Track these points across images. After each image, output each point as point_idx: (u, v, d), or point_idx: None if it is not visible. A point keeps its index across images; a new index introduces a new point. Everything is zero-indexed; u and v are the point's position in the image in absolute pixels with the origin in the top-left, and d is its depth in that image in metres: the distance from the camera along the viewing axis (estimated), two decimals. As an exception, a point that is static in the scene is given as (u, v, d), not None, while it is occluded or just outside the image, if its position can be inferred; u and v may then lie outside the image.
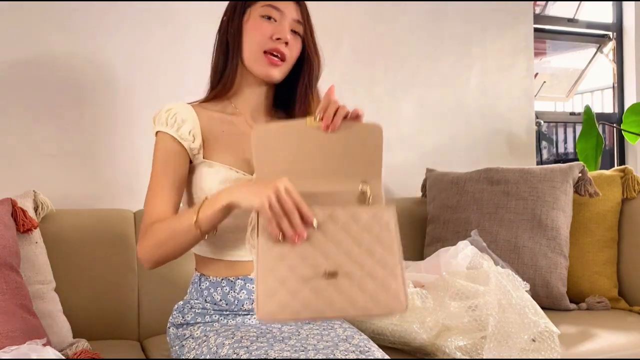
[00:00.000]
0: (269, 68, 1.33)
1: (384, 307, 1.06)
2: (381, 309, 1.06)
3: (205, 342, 1.24)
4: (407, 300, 1.07)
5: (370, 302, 1.05)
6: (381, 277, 1.07)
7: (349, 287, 1.05)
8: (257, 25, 1.33)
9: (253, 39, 1.33)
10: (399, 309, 1.06)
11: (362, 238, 1.09)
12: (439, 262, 1.64)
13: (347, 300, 1.05)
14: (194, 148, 1.32)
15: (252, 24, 1.34)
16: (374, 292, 1.06)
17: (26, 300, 1.34)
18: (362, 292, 1.06)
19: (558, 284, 1.87)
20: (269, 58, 1.33)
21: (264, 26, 1.33)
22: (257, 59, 1.33)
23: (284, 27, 1.32)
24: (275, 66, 1.33)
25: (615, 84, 3.06)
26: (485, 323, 1.40)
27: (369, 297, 1.05)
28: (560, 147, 3.38)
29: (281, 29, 1.32)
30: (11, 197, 1.55)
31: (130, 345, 1.66)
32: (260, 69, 1.34)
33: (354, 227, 1.09)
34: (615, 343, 1.63)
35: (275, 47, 1.32)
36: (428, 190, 2.19)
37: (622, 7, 3.01)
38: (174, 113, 1.33)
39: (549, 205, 1.92)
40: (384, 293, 1.06)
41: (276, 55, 1.33)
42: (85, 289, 1.69)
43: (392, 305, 1.06)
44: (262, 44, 1.32)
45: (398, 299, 1.06)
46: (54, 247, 1.62)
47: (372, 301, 1.05)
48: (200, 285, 1.34)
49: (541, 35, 2.90)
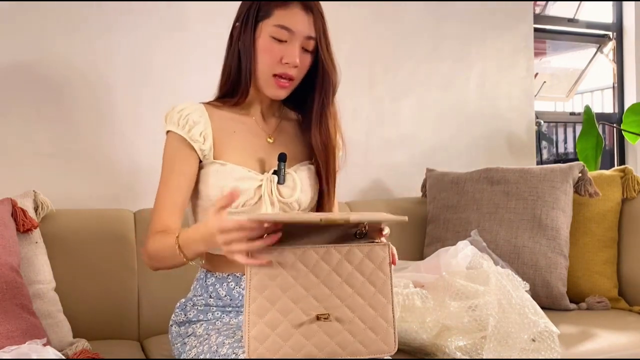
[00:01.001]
0: (277, 90, 1.35)
1: (374, 350, 1.08)
2: (370, 352, 1.08)
3: (207, 341, 1.24)
4: (396, 343, 1.09)
5: (360, 345, 1.07)
6: (372, 319, 1.08)
7: (340, 331, 1.06)
8: (268, 47, 1.32)
9: (263, 61, 1.33)
10: (387, 351, 1.09)
11: (355, 279, 1.08)
12: (438, 262, 1.64)
13: (337, 344, 1.06)
14: (204, 149, 1.34)
15: (263, 45, 1.32)
16: (364, 335, 1.08)
17: (26, 300, 1.34)
18: (353, 335, 1.07)
19: (558, 284, 1.87)
20: (277, 81, 1.33)
21: (274, 49, 1.31)
22: (266, 81, 1.34)
23: (293, 51, 1.31)
24: (283, 88, 1.34)
25: (615, 84, 3.06)
26: (485, 323, 1.40)
27: (358, 340, 1.08)
28: (560, 147, 3.38)
29: (290, 53, 1.31)
30: (11, 197, 1.55)
31: (130, 345, 1.66)
32: (268, 91, 1.35)
33: (347, 268, 1.08)
34: (615, 343, 1.63)
35: (284, 71, 1.32)
36: (428, 190, 2.19)
37: (622, 7, 3.01)
38: (186, 114, 1.34)
39: (549, 205, 1.92)
40: (373, 335, 1.08)
41: (285, 78, 1.33)
42: (85, 289, 1.69)
43: (381, 348, 1.08)
44: (272, 68, 1.32)
45: (387, 342, 1.09)
46: (54, 247, 1.62)
47: (362, 344, 1.07)
48: (206, 281, 1.35)
49: (541, 35, 2.90)
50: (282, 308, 1.05)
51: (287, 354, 1.04)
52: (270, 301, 1.05)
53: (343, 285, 1.07)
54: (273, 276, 1.06)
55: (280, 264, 1.06)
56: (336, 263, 1.08)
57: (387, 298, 1.09)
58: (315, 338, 1.05)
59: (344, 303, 1.07)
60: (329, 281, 1.07)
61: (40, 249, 1.56)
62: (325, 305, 1.06)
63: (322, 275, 1.07)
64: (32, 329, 1.29)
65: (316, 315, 1.05)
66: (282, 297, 1.05)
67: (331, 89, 1.37)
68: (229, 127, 1.37)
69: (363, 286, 1.08)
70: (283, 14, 1.30)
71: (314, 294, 1.06)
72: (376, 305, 1.08)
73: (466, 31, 2.54)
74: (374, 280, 1.09)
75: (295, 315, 1.05)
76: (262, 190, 1.31)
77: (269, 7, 1.31)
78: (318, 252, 1.07)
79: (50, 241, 1.61)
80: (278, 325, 1.05)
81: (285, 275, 1.06)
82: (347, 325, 1.06)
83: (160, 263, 1.30)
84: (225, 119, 1.38)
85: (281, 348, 1.04)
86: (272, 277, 1.06)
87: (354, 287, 1.08)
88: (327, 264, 1.08)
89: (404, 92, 2.43)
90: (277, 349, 1.04)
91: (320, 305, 1.06)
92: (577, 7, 3.01)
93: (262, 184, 1.32)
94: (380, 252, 1.10)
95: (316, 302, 1.06)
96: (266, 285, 1.06)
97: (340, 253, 1.08)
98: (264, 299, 1.05)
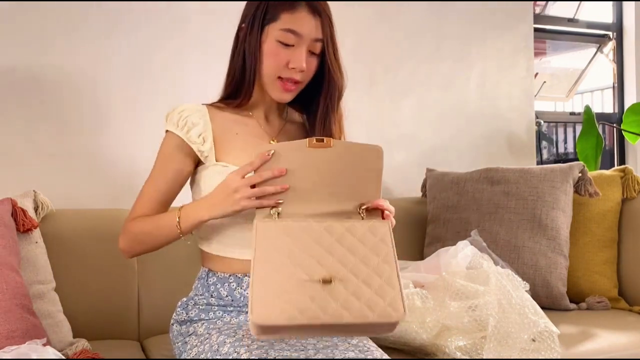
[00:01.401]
0: (282, 93, 1.34)
1: (381, 314, 1.05)
2: (377, 316, 1.05)
3: (208, 340, 1.24)
4: (405, 309, 1.06)
5: (366, 308, 1.05)
6: (377, 285, 1.07)
7: (344, 293, 1.05)
8: (274, 52, 1.30)
9: (269, 65, 1.32)
10: (396, 317, 1.06)
11: (358, 248, 1.10)
12: (438, 262, 1.64)
13: (342, 306, 1.04)
14: (203, 150, 1.34)
15: (269, 48, 1.31)
16: (370, 299, 1.05)
17: (26, 300, 1.34)
18: (358, 298, 1.05)
19: (558, 284, 1.87)
20: (283, 84, 1.33)
21: (281, 54, 1.30)
22: (271, 84, 1.34)
23: (300, 55, 1.29)
24: (288, 91, 1.34)
25: (615, 84, 3.06)
26: (485, 323, 1.40)
27: (364, 303, 1.05)
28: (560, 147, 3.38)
29: (297, 58, 1.29)
30: (11, 197, 1.55)
31: (130, 345, 1.66)
32: (274, 93, 1.35)
33: (350, 239, 1.11)
34: (615, 343, 1.63)
35: (291, 76, 1.31)
36: (428, 190, 2.19)
37: (622, 7, 3.01)
38: (185, 115, 1.35)
39: (549, 205, 1.92)
40: (380, 300, 1.06)
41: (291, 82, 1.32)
42: (85, 289, 1.69)
43: (389, 313, 1.05)
44: (278, 72, 1.31)
45: (395, 307, 1.06)
46: (54, 247, 1.62)
47: (368, 308, 1.05)
48: (208, 281, 1.35)
49: (541, 35, 2.90)
50: (286, 273, 1.06)
51: (292, 316, 1.03)
52: (274, 268, 1.07)
53: (347, 254, 1.09)
54: (277, 245, 1.09)
55: (285, 234, 1.10)
56: (339, 235, 1.11)
57: (391, 266, 1.09)
58: (319, 299, 1.04)
59: (348, 269, 1.07)
60: (333, 250, 1.09)
61: (40, 249, 1.56)
62: (329, 270, 1.07)
63: (326, 245, 1.09)
64: (32, 329, 1.29)
65: (320, 279, 1.05)
66: (286, 264, 1.07)
67: (337, 94, 1.37)
68: (232, 129, 1.37)
69: (367, 255, 1.10)
70: (290, 18, 1.29)
71: (318, 260, 1.08)
72: (381, 272, 1.08)
73: (466, 31, 2.54)
74: (377, 251, 1.10)
75: (299, 278, 1.06)
76: None
77: (276, 10, 1.30)
78: (321, 224, 1.11)
79: (50, 241, 1.61)
80: (282, 289, 1.05)
81: (289, 243, 1.09)
82: (352, 288, 1.06)
83: (144, 244, 1.34)
84: (228, 120, 1.38)
85: (285, 309, 1.04)
86: (276, 246, 1.09)
87: (358, 256, 1.09)
88: (331, 235, 1.10)
89: (404, 92, 2.43)
90: (281, 310, 1.04)
91: (323, 269, 1.07)
92: (577, 7, 3.01)
93: None
94: (381, 227, 1.14)
95: (320, 267, 1.07)
96: (270, 254, 1.08)
97: (343, 227, 1.12)
98: (269, 266, 1.07)
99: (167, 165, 1.36)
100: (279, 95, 1.35)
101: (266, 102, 1.41)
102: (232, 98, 1.39)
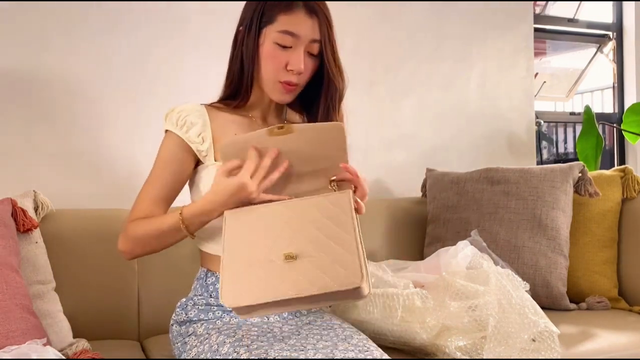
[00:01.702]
0: (282, 95, 1.35)
1: (342, 282, 1.08)
2: (339, 285, 1.08)
3: (207, 340, 1.24)
4: (366, 275, 1.09)
5: (328, 279, 1.08)
6: (339, 254, 1.11)
7: (309, 268, 1.10)
8: (272, 54, 1.30)
9: (267, 68, 1.32)
10: (356, 283, 1.07)
11: (321, 222, 1.15)
12: (439, 262, 1.64)
13: (307, 280, 1.08)
14: (202, 150, 1.34)
15: (267, 51, 1.31)
16: (332, 269, 1.09)
17: (26, 300, 1.34)
18: (321, 270, 1.09)
19: (558, 284, 1.87)
20: (283, 86, 1.33)
21: (279, 56, 1.30)
22: (271, 87, 1.34)
23: (298, 57, 1.29)
24: (288, 92, 1.34)
25: (615, 84, 3.06)
26: (485, 323, 1.40)
27: (327, 274, 1.09)
28: (560, 147, 3.38)
29: (295, 59, 1.29)
30: (11, 197, 1.55)
31: (130, 345, 1.66)
32: (274, 95, 1.35)
33: (314, 213, 1.16)
34: (615, 343, 1.62)
35: (289, 79, 1.31)
36: (428, 190, 2.19)
37: (622, 7, 3.01)
38: (184, 115, 1.35)
39: (549, 205, 1.92)
40: (342, 269, 1.09)
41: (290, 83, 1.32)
42: (85, 289, 1.69)
43: (350, 280, 1.08)
44: (277, 75, 1.32)
45: (355, 273, 1.08)
46: (54, 247, 1.62)
47: (331, 278, 1.08)
48: (206, 281, 1.36)
49: (541, 35, 2.90)
50: (253, 251, 1.13)
51: (260, 295, 1.08)
52: (243, 244, 1.14)
53: (310, 228, 1.14)
54: (245, 227, 1.16)
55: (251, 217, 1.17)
56: (302, 210, 1.17)
57: (350, 235, 1.13)
58: (286, 276, 1.09)
59: (311, 243, 1.12)
60: (296, 226, 1.15)
61: (40, 249, 1.55)
62: (294, 246, 1.12)
63: (289, 222, 1.16)
64: (32, 329, 1.29)
65: (285, 255, 1.11)
66: (254, 241, 1.14)
67: (337, 95, 1.37)
68: (230, 129, 1.37)
69: (328, 228, 1.14)
70: (287, 19, 1.28)
71: (282, 237, 1.14)
72: (342, 242, 1.12)
73: (466, 31, 2.54)
74: (338, 222, 1.15)
75: (266, 256, 1.12)
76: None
77: (273, 12, 1.29)
78: (287, 204, 1.19)
79: (50, 241, 1.61)
80: (250, 266, 1.11)
81: (257, 225, 1.16)
82: (316, 262, 1.10)
83: (147, 246, 1.32)
84: (227, 120, 1.38)
85: (253, 288, 1.09)
86: (244, 228, 1.16)
87: (321, 229, 1.14)
88: (294, 212, 1.17)
89: (404, 92, 2.43)
90: (249, 288, 1.09)
91: (289, 246, 1.12)
92: (577, 7, 3.01)
93: None
94: (342, 197, 1.19)
95: (285, 244, 1.13)
96: (238, 235, 1.15)
97: (307, 203, 1.18)
98: (238, 243, 1.14)
99: (167, 165, 1.35)
100: (280, 97, 1.35)
101: (264, 104, 1.41)
102: (230, 99, 1.40)
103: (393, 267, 1.71)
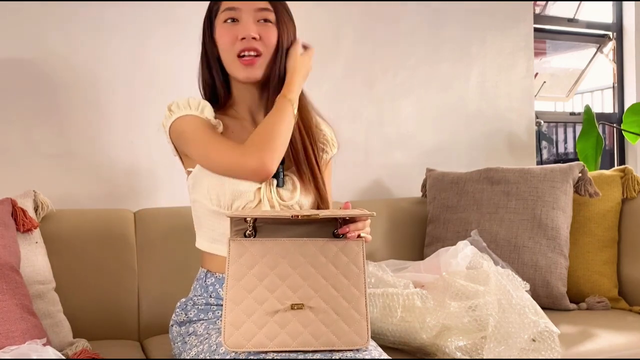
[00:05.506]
0: (246, 70, 1.33)
1: (346, 341, 1.09)
2: (342, 343, 1.09)
3: (207, 340, 1.24)
4: (368, 335, 1.10)
5: (333, 336, 1.09)
6: (345, 311, 1.10)
7: (313, 320, 1.09)
8: (222, 33, 1.34)
9: (223, 48, 1.34)
10: (359, 344, 1.10)
11: (329, 271, 1.12)
12: (439, 262, 1.64)
13: (310, 333, 1.08)
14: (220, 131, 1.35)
15: (219, 33, 1.35)
16: (336, 326, 1.09)
17: (26, 300, 1.34)
18: (326, 325, 1.09)
19: (558, 284, 1.87)
20: (242, 60, 1.32)
21: (228, 30, 1.33)
22: (233, 66, 1.34)
23: (246, 25, 1.31)
24: (251, 65, 1.33)
25: (615, 84, 3.06)
26: (485, 323, 1.40)
27: (332, 331, 1.09)
28: (560, 147, 3.38)
29: (243, 27, 1.31)
30: (11, 197, 1.55)
31: (130, 345, 1.66)
32: (239, 74, 1.34)
33: (322, 260, 1.13)
34: (615, 343, 1.62)
35: (244, 47, 1.31)
36: (428, 190, 2.19)
37: (622, 7, 3.01)
38: (196, 99, 1.35)
39: (549, 205, 1.92)
40: (346, 327, 1.10)
41: (249, 54, 1.32)
42: (85, 289, 1.69)
43: (353, 340, 1.10)
44: (232, 50, 1.32)
45: (360, 334, 1.10)
46: (54, 247, 1.62)
47: (335, 335, 1.09)
48: (206, 281, 1.36)
49: (541, 35, 2.90)
50: (257, 296, 1.10)
51: (261, 341, 1.08)
52: (247, 289, 1.10)
53: (317, 276, 1.11)
54: (250, 265, 1.12)
55: (258, 254, 1.12)
56: (312, 255, 1.13)
57: (360, 291, 1.12)
58: (289, 327, 1.08)
59: (317, 294, 1.10)
60: (304, 272, 1.11)
61: (40, 249, 1.55)
62: (300, 295, 1.10)
63: (297, 266, 1.12)
64: (32, 329, 1.29)
65: (290, 305, 1.09)
66: (258, 286, 1.10)
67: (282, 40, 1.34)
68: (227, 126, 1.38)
69: (337, 278, 1.12)
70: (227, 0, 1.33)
71: (289, 284, 1.11)
72: (350, 297, 1.11)
73: (466, 31, 2.54)
74: (347, 274, 1.12)
75: (270, 303, 1.09)
76: (262, 193, 1.31)
77: (217, 4, 1.36)
78: (295, 243, 1.13)
79: (50, 241, 1.61)
80: (253, 313, 1.09)
81: (262, 264, 1.12)
82: (321, 315, 1.09)
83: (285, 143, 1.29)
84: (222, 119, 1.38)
85: (255, 335, 1.08)
86: (249, 266, 1.12)
87: (328, 279, 1.11)
88: (303, 256, 1.13)
89: (404, 92, 2.43)
90: (252, 335, 1.08)
91: (294, 295, 1.10)
92: (577, 7, 3.01)
93: (261, 187, 1.31)
94: (355, 247, 1.15)
95: (291, 292, 1.10)
96: (244, 274, 1.11)
97: (315, 246, 1.13)
98: (241, 287, 1.10)
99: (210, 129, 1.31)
100: (244, 73, 1.33)
101: (247, 100, 1.40)
102: (213, 102, 1.39)
103: (393, 267, 1.72)
